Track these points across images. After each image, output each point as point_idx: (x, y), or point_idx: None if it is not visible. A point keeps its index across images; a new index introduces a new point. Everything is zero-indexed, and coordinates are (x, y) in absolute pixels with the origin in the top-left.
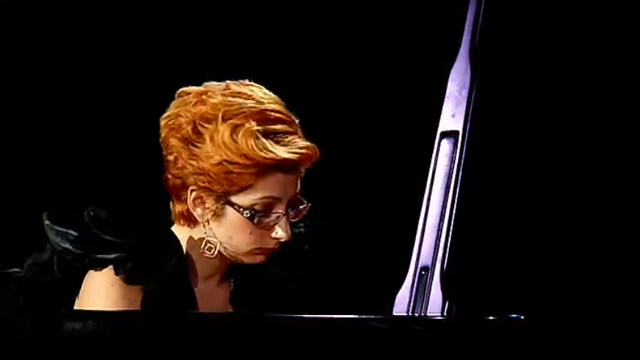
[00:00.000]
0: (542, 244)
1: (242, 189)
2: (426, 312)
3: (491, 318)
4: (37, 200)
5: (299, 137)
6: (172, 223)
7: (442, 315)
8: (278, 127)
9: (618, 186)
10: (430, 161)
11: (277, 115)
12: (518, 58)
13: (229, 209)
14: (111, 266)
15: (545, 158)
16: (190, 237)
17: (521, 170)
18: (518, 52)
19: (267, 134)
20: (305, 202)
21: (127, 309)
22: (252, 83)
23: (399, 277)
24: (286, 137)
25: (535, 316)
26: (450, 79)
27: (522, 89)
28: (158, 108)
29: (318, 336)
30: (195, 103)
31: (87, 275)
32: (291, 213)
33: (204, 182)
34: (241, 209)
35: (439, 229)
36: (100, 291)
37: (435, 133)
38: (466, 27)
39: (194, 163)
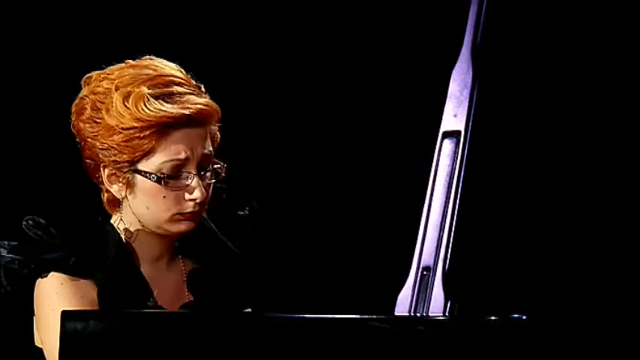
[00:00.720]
0: (543, 244)
1: (145, 154)
2: (427, 312)
3: (492, 318)
4: None
5: (195, 95)
6: (110, 216)
7: (444, 315)
8: (171, 89)
9: (619, 186)
10: (432, 161)
11: (171, 78)
12: (519, 58)
13: (139, 178)
14: (53, 273)
15: (546, 158)
16: (122, 219)
17: (523, 170)
18: (519, 52)
19: (157, 97)
20: (220, 162)
21: (83, 305)
22: (153, 57)
23: (400, 277)
24: (179, 97)
25: (536, 316)
26: (451, 79)
27: (524, 89)
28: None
29: (319, 336)
30: (95, 85)
31: (36, 286)
32: (207, 174)
33: (111, 156)
34: (148, 174)
35: (441, 229)
36: (52, 293)
37: (437, 133)
38: (468, 27)
39: (99, 138)
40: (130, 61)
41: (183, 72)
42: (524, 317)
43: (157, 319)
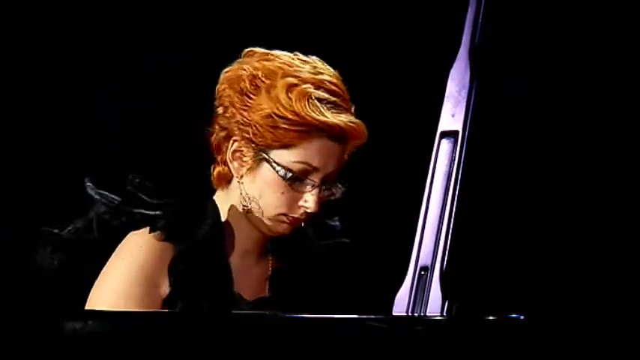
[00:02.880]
0: (542, 244)
1: (284, 146)
2: (425, 312)
3: (491, 318)
4: (81, 166)
5: (350, 113)
6: (214, 191)
7: (442, 315)
8: (333, 98)
9: (618, 186)
10: (430, 161)
11: (334, 87)
12: (518, 58)
13: (265, 165)
14: (147, 228)
15: (545, 158)
16: (229, 198)
17: (522, 170)
18: (518, 51)
19: (320, 100)
20: (341, 185)
21: (150, 276)
22: (317, 59)
23: (398, 276)
24: (338, 108)
25: (535, 316)
26: (449, 79)
27: (522, 89)
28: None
29: (318, 336)
30: (259, 60)
31: (126, 237)
32: (325, 190)
33: (248, 133)
34: (277, 167)
35: (439, 229)
36: (128, 249)
37: (435, 133)
38: (466, 27)
39: (244, 113)
40: (299, 54)
41: (343, 82)
42: (522, 317)
43: (157, 319)
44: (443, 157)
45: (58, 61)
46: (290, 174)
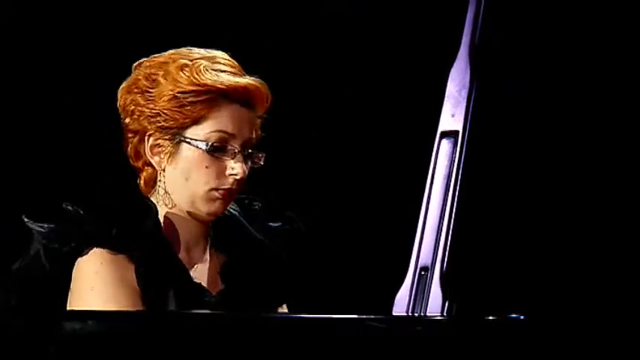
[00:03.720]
0: (542, 244)
1: (195, 121)
2: (425, 312)
3: (491, 318)
4: (12, 204)
5: (247, 76)
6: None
7: (442, 315)
8: (227, 67)
9: (618, 185)
10: (430, 161)
11: (225, 59)
12: (518, 58)
13: (184, 146)
14: (94, 249)
15: (545, 158)
16: (159, 198)
17: (522, 170)
18: (518, 51)
19: (216, 69)
20: (261, 152)
21: (121, 285)
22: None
23: (398, 277)
24: (234, 74)
25: (535, 316)
26: (449, 79)
27: (522, 89)
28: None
29: (318, 336)
30: (148, 61)
31: (75, 265)
32: (247, 157)
33: (159, 122)
34: (196, 141)
35: (439, 229)
36: (90, 271)
37: (435, 133)
38: (466, 27)
39: (150, 105)
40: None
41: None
42: (522, 317)
43: (157, 319)
44: (443, 157)
45: None
46: (209, 144)
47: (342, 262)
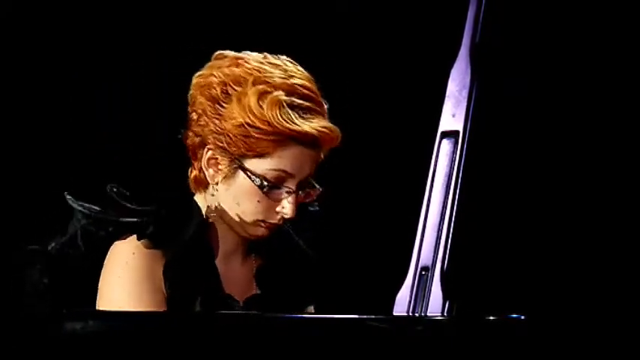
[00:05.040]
0: (542, 244)
1: (258, 155)
2: (426, 312)
3: (491, 318)
4: (59, 181)
5: (323, 117)
6: (192, 194)
7: (442, 315)
8: (305, 103)
9: (618, 185)
10: (430, 161)
11: (306, 91)
12: (518, 58)
13: (240, 174)
14: (133, 236)
15: (545, 158)
16: (206, 202)
17: (522, 170)
18: (518, 51)
19: (292, 107)
20: (317, 186)
21: (147, 280)
22: (288, 59)
23: (399, 276)
24: (311, 114)
25: (535, 316)
26: (450, 79)
27: (523, 89)
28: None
29: (318, 336)
30: (229, 65)
31: (112, 247)
32: (301, 194)
33: (222, 142)
34: (252, 176)
35: (439, 229)
36: (122, 259)
37: (436, 133)
38: (466, 26)
39: (217, 121)
40: (267, 54)
41: (315, 84)
42: (522, 317)
43: (157, 319)
44: (443, 157)
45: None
46: (266, 182)
47: (343, 262)
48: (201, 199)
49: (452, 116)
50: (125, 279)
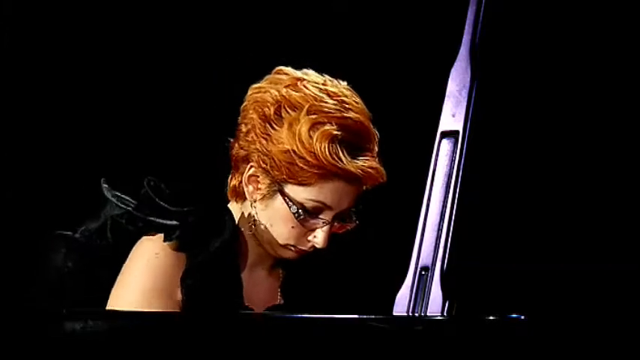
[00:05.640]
0: (542, 244)
1: (299, 183)
2: (426, 312)
3: (491, 318)
4: (97, 168)
5: (372, 156)
6: (228, 201)
7: (442, 315)
8: (355, 139)
9: (619, 185)
10: (430, 161)
11: (359, 127)
12: (518, 58)
13: (279, 197)
14: (161, 234)
15: (545, 157)
16: (242, 214)
17: (522, 170)
18: (518, 51)
19: (343, 142)
20: (354, 219)
21: (164, 284)
22: (348, 87)
23: (399, 276)
24: (360, 152)
25: (535, 316)
26: (450, 79)
27: (523, 88)
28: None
29: (319, 336)
30: (287, 86)
31: (139, 241)
32: (337, 224)
33: (265, 163)
34: (290, 202)
35: (439, 229)
36: (145, 257)
37: (435, 133)
38: (466, 26)
39: (264, 142)
40: (328, 78)
41: (370, 117)
42: (522, 317)
43: (157, 319)
44: (443, 157)
45: (82, 59)
46: (303, 211)
47: (343, 262)
48: (236, 209)
49: (452, 116)
50: (142, 279)
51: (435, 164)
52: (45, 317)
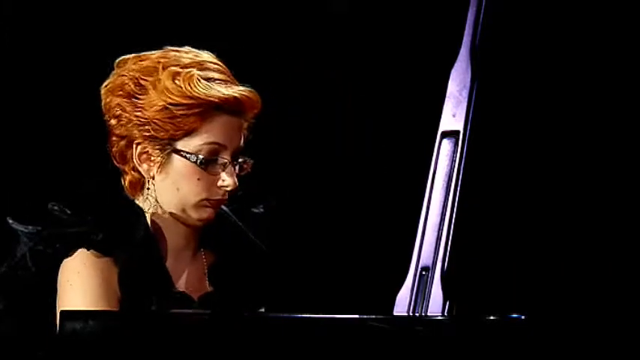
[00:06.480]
0: (542, 244)
1: (187, 133)
2: (426, 312)
3: (491, 318)
4: None
5: (242, 86)
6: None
7: (442, 315)
8: (217, 75)
9: (618, 185)
10: (431, 161)
11: (215, 65)
12: (518, 58)
13: (175, 157)
14: (81, 249)
15: (545, 158)
16: (147, 200)
17: (522, 170)
18: (518, 51)
19: (207, 79)
20: (248, 158)
21: (102, 287)
22: (189, 48)
23: (399, 276)
24: (226, 83)
25: (535, 316)
26: (450, 79)
27: (523, 89)
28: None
29: (319, 336)
30: (134, 62)
31: (61, 265)
32: (237, 166)
33: (149, 131)
34: (187, 154)
35: (440, 229)
36: (74, 273)
37: (436, 133)
38: (467, 27)
39: (138, 113)
40: (170, 47)
41: (220, 61)
42: (522, 317)
43: (157, 319)
44: (444, 157)
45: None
46: (201, 158)
47: (343, 262)
48: (142, 201)
49: (452, 116)
50: (84, 290)
51: (436, 164)
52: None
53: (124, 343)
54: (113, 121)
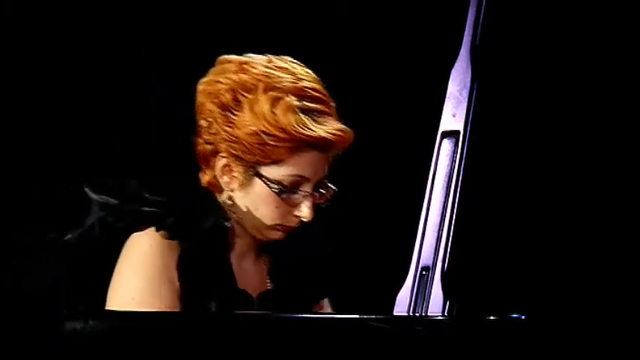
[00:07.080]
0: (542, 244)
1: (273, 162)
2: (426, 312)
3: (491, 318)
4: (77, 172)
5: (334, 119)
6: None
7: (443, 315)
8: (316, 105)
9: (618, 185)
10: (431, 161)
11: (316, 93)
12: (518, 58)
13: (257, 181)
14: (152, 228)
15: (545, 158)
16: (223, 203)
17: (522, 170)
18: (518, 51)
19: (305, 111)
20: (331, 186)
21: (160, 275)
22: (293, 60)
23: (399, 276)
24: (323, 117)
25: (535, 316)
26: (450, 79)
27: (523, 89)
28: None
29: (319, 336)
30: (235, 71)
31: (129, 239)
32: (316, 195)
33: (236, 150)
34: (269, 182)
35: (440, 229)
36: (139, 251)
37: (436, 133)
38: (467, 27)
39: (229, 130)
40: (272, 56)
41: (322, 84)
42: (523, 317)
43: (157, 319)
44: (444, 157)
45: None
46: (283, 188)
47: (343, 262)
48: (218, 198)
49: (452, 116)
50: (141, 270)
51: (436, 164)
52: (45, 317)
53: (124, 343)
54: (203, 123)
